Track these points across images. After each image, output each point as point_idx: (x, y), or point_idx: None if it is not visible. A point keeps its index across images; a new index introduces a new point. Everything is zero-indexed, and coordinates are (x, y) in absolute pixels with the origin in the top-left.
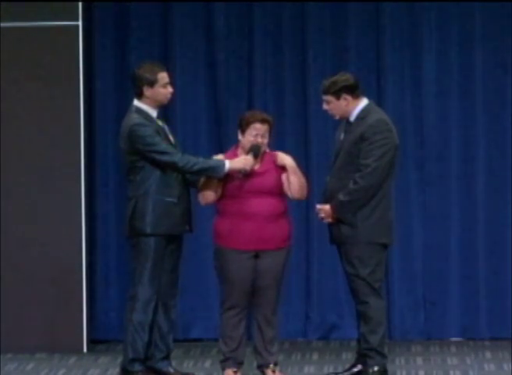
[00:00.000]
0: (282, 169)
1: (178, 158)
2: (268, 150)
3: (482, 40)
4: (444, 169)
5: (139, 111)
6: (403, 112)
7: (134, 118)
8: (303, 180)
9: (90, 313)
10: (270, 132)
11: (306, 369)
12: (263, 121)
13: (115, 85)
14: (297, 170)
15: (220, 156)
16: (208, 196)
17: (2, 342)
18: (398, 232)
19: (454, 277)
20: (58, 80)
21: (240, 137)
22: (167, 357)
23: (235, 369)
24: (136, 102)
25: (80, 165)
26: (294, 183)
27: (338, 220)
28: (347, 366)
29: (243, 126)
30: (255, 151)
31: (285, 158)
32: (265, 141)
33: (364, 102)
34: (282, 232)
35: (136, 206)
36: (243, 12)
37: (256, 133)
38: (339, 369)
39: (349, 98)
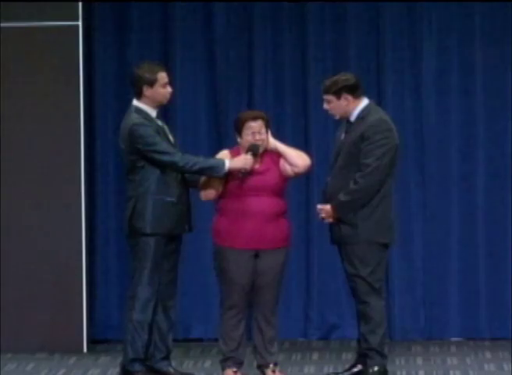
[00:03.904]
0: (278, 155)
1: (178, 157)
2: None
3: (482, 40)
4: (444, 169)
5: (138, 111)
6: (403, 112)
7: (134, 118)
8: (300, 151)
9: (90, 313)
10: (267, 128)
11: (306, 369)
12: (255, 118)
13: (115, 85)
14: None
15: (225, 152)
16: (209, 194)
17: (2, 342)
18: (398, 232)
19: (454, 277)
20: (58, 80)
21: (238, 139)
22: (167, 357)
23: (235, 369)
24: (135, 102)
25: (80, 165)
26: (291, 154)
27: (339, 220)
28: (347, 366)
29: (239, 128)
30: (254, 150)
31: (273, 142)
32: (262, 137)
33: (364, 102)
34: (281, 231)
35: (135, 206)
36: (243, 12)
37: (252, 131)
38: (339, 369)
39: (349, 97)
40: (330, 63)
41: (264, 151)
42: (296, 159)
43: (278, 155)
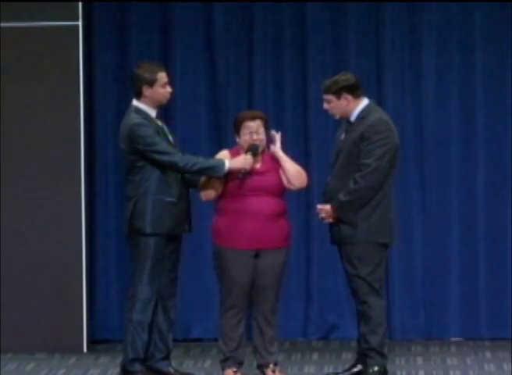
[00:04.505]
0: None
1: (178, 158)
2: (267, 149)
3: (482, 40)
4: (444, 169)
5: (138, 111)
6: (403, 112)
7: (134, 118)
8: (298, 167)
9: (90, 313)
10: (265, 128)
11: (306, 369)
12: (253, 118)
13: (115, 85)
14: (289, 159)
15: (225, 152)
16: (209, 194)
17: (2, 342)
18: (398, 232)
19: (454, 277)
20: (58, 80)
21: (237, 139)
22: (167, 357)
23: (235, 369)
24: (135, 102)
25: (80, 165)
26: (290, 172)
27: (338, 220)
28: (347, 366)
29: (237, 127)
30: (253, 150)
31: (278, 153)
32: (261, 136)
33: (364, 102)
34: (281, 232)
35: (135, 206)
36: (243, 12)
37: (249, 131)
38: (339, 369)
39: (349, 97)
40: (330, 63)
41: (263, 150)
42: (294, 179)
43: None
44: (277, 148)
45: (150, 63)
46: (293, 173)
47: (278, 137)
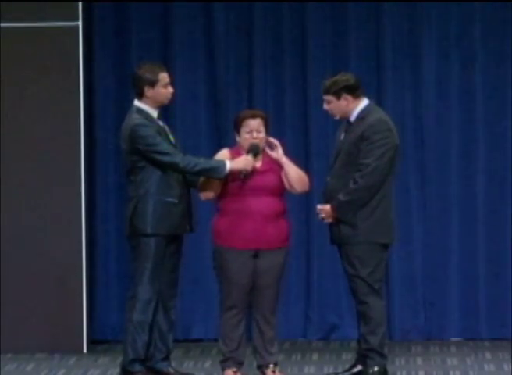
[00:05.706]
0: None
1: (179, 158)
2: (267, 148)
3: (482, 39)
4: (444, 169)
5: (140, 111)
6: (403, 112)
7: (135, 118)
8: (300, 171)
9: (90, 313)
10: (266, 127)
11: (306, 369)
12: (254, 116)
13: (115, 85)
14: (292, 164)
15: (225, 151)
16: (208, 195)
17: (2, 342)
18: (398, 232)
19: (454, 277)
20: (58, 80)
21: (237, 138)
22: (167, 357)
23: (235, 370)
24: (136, 103)
25: (80, 165)
26: (292, 174)
27: (338, 220)
28: (347, 366)
29: (237, 126)
30: (254, 150)
31: (279, 158)
32: (261, 135)
33: (364, 102)
34: (281, 232)
35: (136, 206)
36: (243, 12)
37: (249, 129)
38: (339, 370)
39: (349, 98)
40: (330, 63)
41: (264, 150)
42: (296, 184)
43: None
44: (280, 155)
45: (151, 64)
46: (296, 178)
47: (278, 143)
